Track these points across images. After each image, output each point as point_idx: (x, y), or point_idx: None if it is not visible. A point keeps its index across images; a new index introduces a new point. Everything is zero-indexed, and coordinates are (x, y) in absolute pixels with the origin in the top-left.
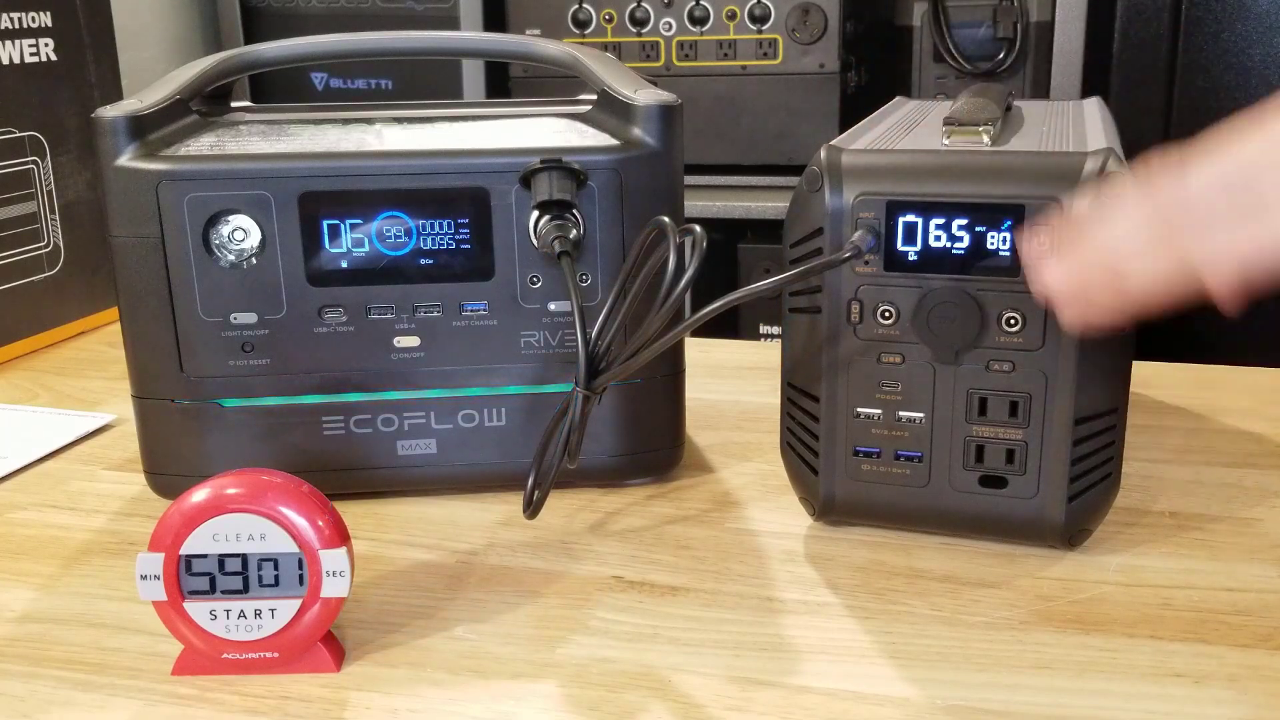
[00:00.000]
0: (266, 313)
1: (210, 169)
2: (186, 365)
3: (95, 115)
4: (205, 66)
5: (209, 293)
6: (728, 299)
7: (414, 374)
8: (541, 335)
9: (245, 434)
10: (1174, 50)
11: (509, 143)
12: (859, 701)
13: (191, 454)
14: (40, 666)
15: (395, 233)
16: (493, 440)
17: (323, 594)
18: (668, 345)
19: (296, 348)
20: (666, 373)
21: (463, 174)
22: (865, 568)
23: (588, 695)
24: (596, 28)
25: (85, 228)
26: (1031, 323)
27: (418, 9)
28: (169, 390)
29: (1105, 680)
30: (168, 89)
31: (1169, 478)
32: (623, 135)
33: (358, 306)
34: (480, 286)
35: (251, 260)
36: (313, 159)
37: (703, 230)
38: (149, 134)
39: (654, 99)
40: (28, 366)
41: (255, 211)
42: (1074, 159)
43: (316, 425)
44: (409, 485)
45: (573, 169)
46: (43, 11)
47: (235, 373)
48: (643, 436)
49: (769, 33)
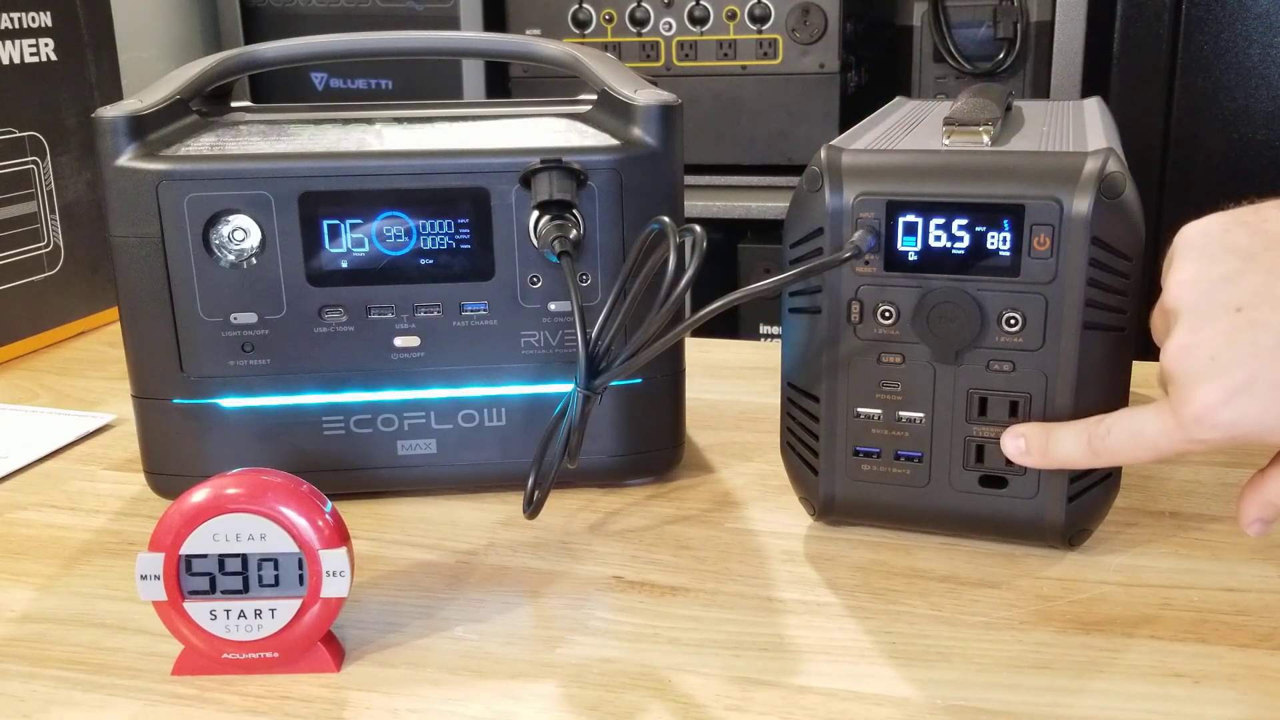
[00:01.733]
0: (267, 313)
1: (210, 169)
2: (186, 365)
3: (95, 115)
4: (205, 66)
5: (209, 292)
6: (728, 299)
7: (414, 374)
8: (542, 335)
9: (245, 434)
10: (1174, 50)
11: (509, 143)
12: (859, 701)
13: (191, 454)
14: (40, 666)
15: (395, 233)
16: (493, 440)
17: (323, 594)
18: (668, 345)
19: (296, 348)
20: (666, 373)
21: (463, 174)
22: (865, 568)
23: (588, 695)
24: (596, 28)
25: (85, 228)
26: (1031, 323)
27: (418, 9)
28: (169, 390)
29: (1105, 680)
30: (168, 89)
31: (1169, 478)
32: (623, 135)
33: (358, 306)
34: (480, 286)
35: (251, 260)
36: (312, 159)
37: (703, 230)
38: (149, 134)
39: (654, 99)
40: (28, 366)
41: (255, 211)
42: (1074, 159)
43: (317, 425)
44: (409, 485)
45: (573, 169)
46: (43, 11)
47: (235, 373)
48: (643, 437)
49: (769, 33)
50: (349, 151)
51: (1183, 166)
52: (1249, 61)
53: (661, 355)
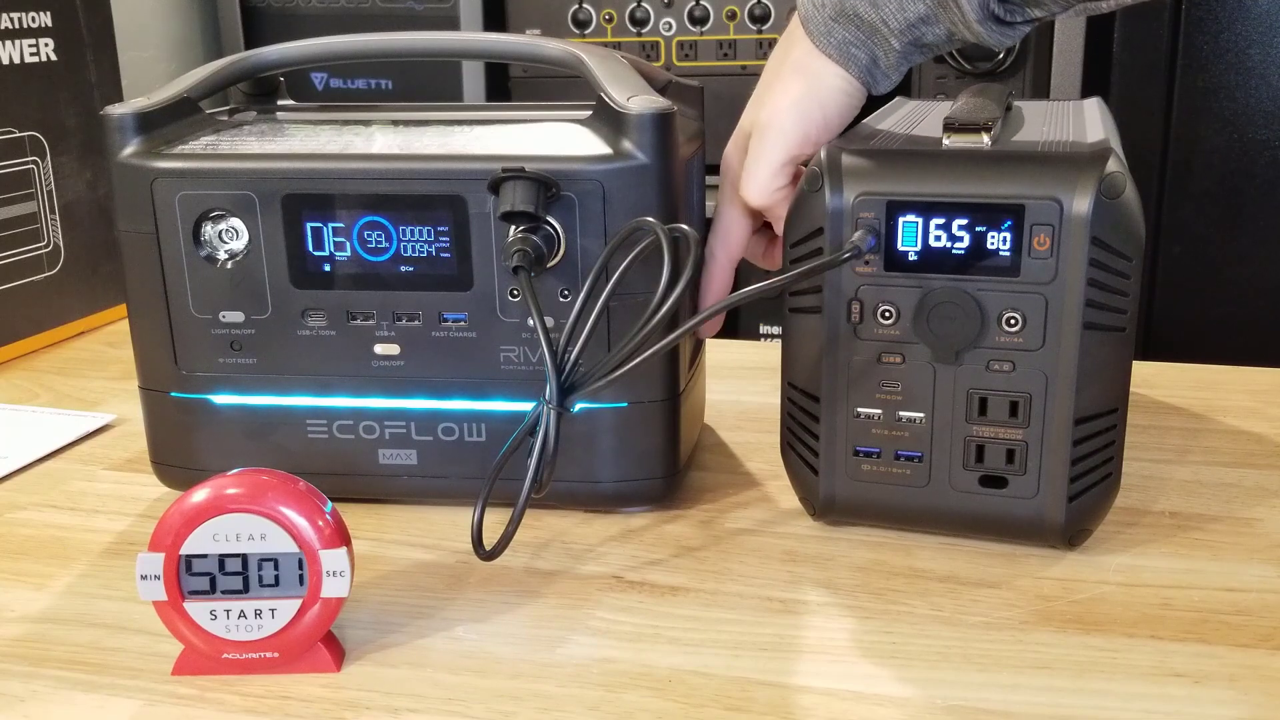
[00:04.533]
0: (253, 312)
1: (199, 168)
2: (180, 360)
3: (103, 112)
4: (216, 68)
5: (199, 290)
6: (727, 301)
7: (394, 383)
8: (521, 351)
9: (235, 431)
10: (1174, 50)
11: (490, 149)
12: (859, 701)
13: (188, 447)
14: (40, 666)
15: (376, 238)
16: (474, 456)
17: (323, 594)
18: (662, 351)
19: (281, 349)
20: (659, 397)
21: (440, 180)
22: (865, 568)
23: (588, 695)
24: (596, 28)
25: (85, 228)
26: (1031, 323)
27: (417, 9)
28: (167, 383)
29: (1105, 680)
30: (175, 89)
31: (1169, 478)
32: (613, 144)
33: (339, 311)
34: (460, 297)
35: (239, 259)
36: (294, 160)
37: (696, 234)
38: (153, 131)
39: (646, 107)
40: (28, 366)
41: (242, 211)
42: (1074, 159)
43: (301, 427)
44: (390, 494)
45: (540, 179)
46: (43, 11)
47: (224, 370)
48: (628, 464)
49: (769, 33)
50: (329, 154)
51: (1183, 166)
52: (1249, 61)
53: (654, 377)
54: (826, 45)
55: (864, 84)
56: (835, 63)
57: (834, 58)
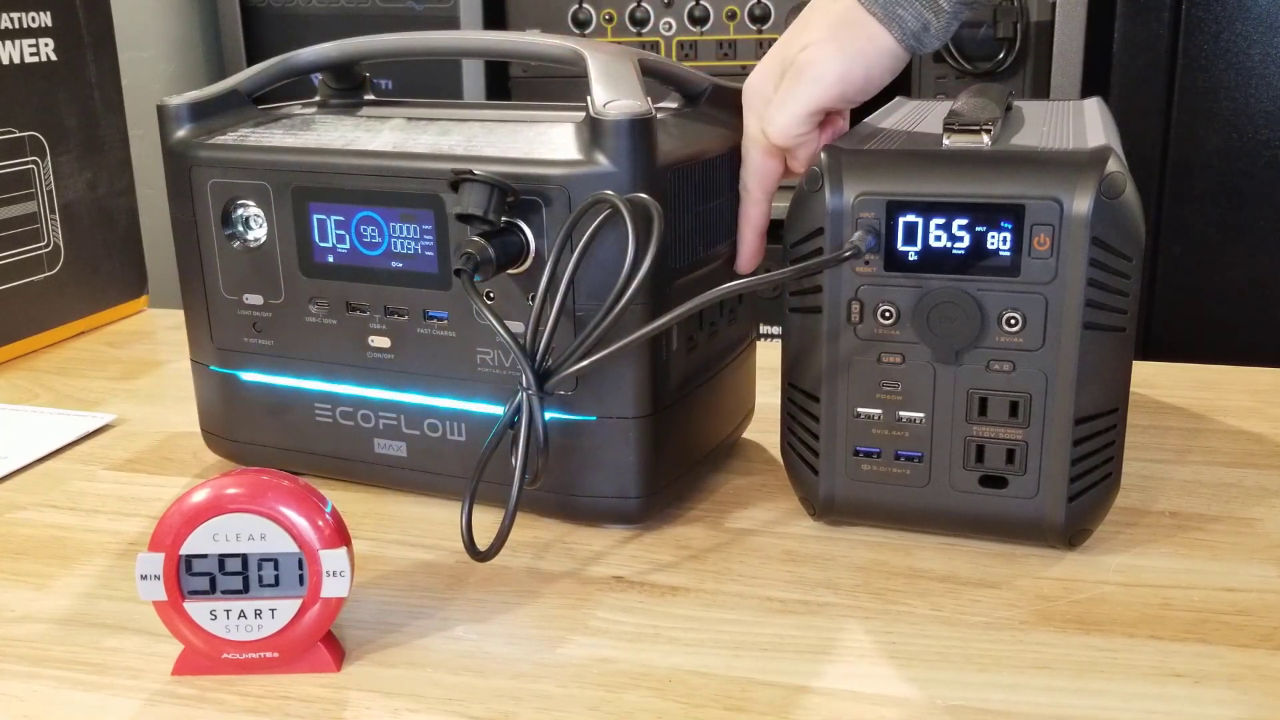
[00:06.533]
0: (270, 297)
1: (227, 157)
2: (215, 336)
3: (159, 103)
4: (262, 66)
5: (228, 272)
6: (718, 291)
7: (386, 375)
8: (495, 354)
9: (259, 406)
10: (1174, 50)
11: (463, 150)
12: (859, 701)
13: (226, 418)
14: (40, 666)
15: (370, 233)
16: (455, 454)
17: (323, 594)
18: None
19: (292, 333)
20: (636, 413)
21: (418, 179)
22: (865, 568)
23: (588, 695)
24: (596, 28)
25: (85, 228)
26: (1032, 323)
27: (417, 9)
28: (208, 358)
29: (1105, 680)
30: (229, 83)
31: (1169, 478)
32: (585, 150)
33: (339, 301)
34: (442, 296)
35: (260, 246)
36: (299, 154)
37: (657, 204)
38: (201, 121)
39: (621, 112)
40: (28, 366)
41: (260, 200)
42: (1074, 159)
43: (310, 409)
44: (382, 483)
45: (492, 183)
46: (43, 11)
47: (248, 349)
48: (598, 481)
49: (769, 33)
50: (331, 149)
51: (1183, 166)
52: (1249, 61)
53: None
54: (877, 6)
55: (908, 49)
56: (883, 25)
57: (882, 19)
